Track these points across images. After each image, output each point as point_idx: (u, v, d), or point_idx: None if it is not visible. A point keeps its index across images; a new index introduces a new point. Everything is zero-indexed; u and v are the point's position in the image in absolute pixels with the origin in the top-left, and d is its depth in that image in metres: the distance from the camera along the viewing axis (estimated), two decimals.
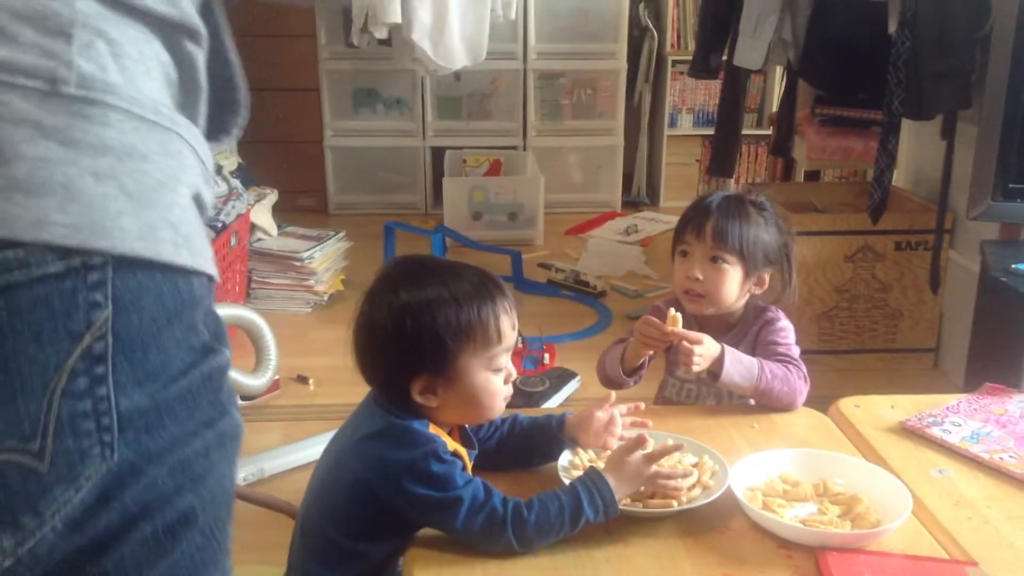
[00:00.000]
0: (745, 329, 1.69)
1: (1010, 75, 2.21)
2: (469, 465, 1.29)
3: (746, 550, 1.20)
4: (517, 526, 1.17)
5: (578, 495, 1.20)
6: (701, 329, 1.69)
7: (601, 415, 1.39)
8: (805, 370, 1.61)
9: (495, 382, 1.27)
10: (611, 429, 1.38)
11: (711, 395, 1.71)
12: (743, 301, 1.69)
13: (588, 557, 1.18)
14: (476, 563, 1.17)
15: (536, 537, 1.18)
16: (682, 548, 1.20)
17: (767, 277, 1.68)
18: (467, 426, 1.35)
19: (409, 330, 1.20)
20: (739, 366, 1.54)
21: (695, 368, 1.52)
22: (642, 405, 1.45)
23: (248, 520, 2.38)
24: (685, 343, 1.51)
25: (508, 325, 1.27)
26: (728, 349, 1.54)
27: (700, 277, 1.64)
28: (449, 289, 1.23)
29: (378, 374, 1.27)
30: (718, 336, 1.67)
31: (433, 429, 1.25)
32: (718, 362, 1.53)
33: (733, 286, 1.65)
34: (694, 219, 1.67)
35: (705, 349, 1.52)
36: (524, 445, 1.38)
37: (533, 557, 1.18)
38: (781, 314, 1.70)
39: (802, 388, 1.59)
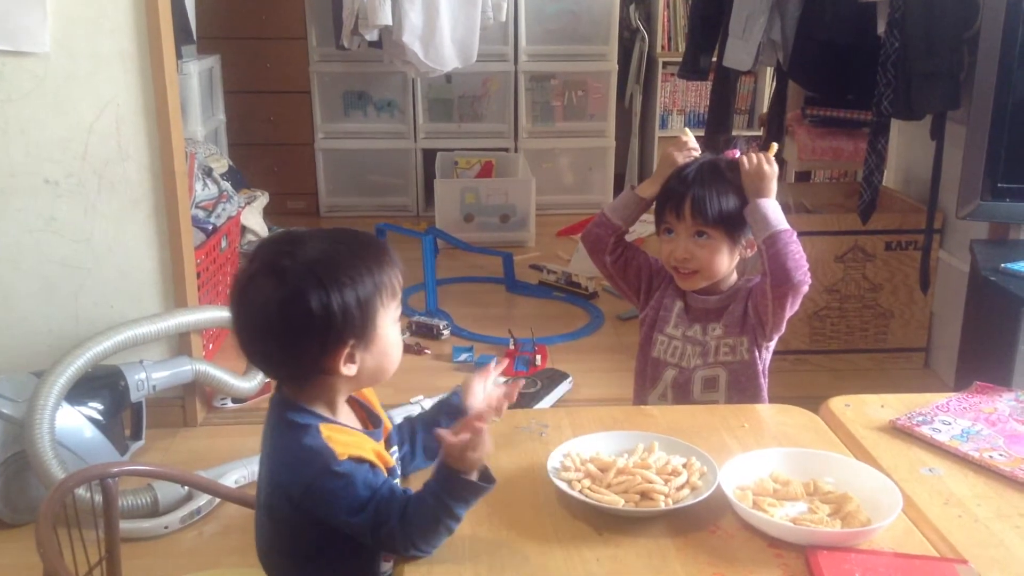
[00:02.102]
0: (738, 293, 1.73)
1: (998, 75, 2.22)
2: (384, 456, 1.24)
3: (736, 549, 1.20)
4: (406, 539, 1.15)
5: (446, 505, 1.15)
6: (693, 320, 1.72)
7: (478, 383, 1.38)
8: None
9: (399, 334, 1.26)
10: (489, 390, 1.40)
11: (696, 353, 1.74)
12: (735, 264, 1.73)
13: (579, 557, 1.18)
14: (466, 565, 1.17)
15: (425, 543, 1.16)
16: (672, 548, 1.20)
17: None
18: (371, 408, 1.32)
19: (332, 296, 1.13)
20: (777, 208, 1.64)
21: (764, 166, 1.65)
22: (523, 382, 1.50)
23: (239, 523, 2.38)
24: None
25: (400, 273, 1.24)
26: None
27: (687, 257, 1.68)
28: (347, 248, 1.19)
29: (293, 357, 1.18)
30: (711, 320, 1.71)
31: (326, 431, 1.19)
32: (767, 189, 1.65)
33: (723, 256, 1.69)
34: (672, 197, 1.70)
35: (770, 169, 1.66)
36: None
37: (524, 558, 1.18)
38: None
39: (807, 273, 1.62)
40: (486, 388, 1.38)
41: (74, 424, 2.42)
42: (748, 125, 5.26)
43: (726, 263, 1.70)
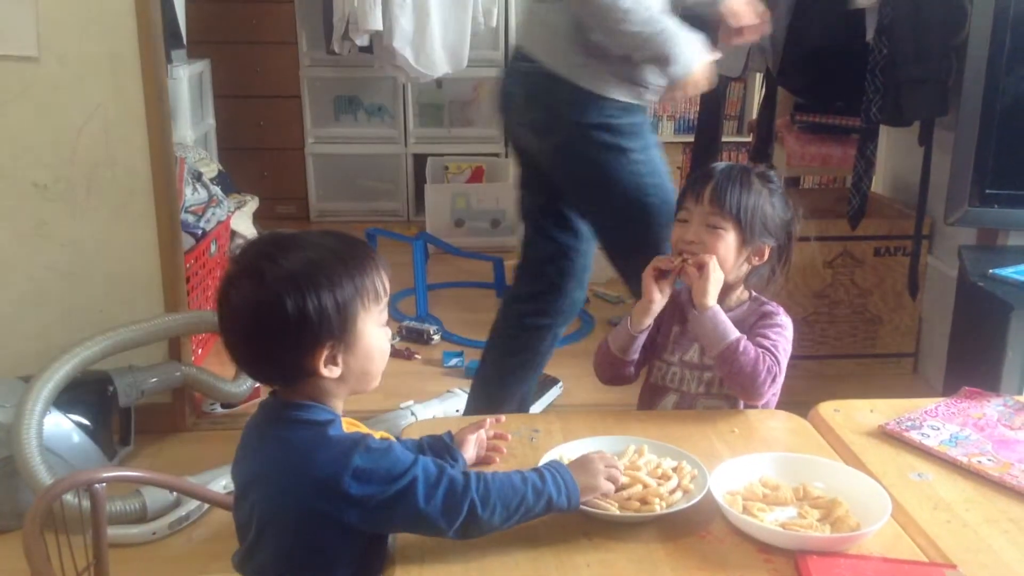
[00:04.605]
0: (744, 320, 1.67)
1: (986, 81, 2.23)
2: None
3: (726, 554, 1.20)
4: (480, 488, 1.16)
5: (542, 473, 1.21)
6: (690, 341, 1.69)
7: (471, 436, 1.41)
8: (778, 370, 1.59)
9: (386, 339, 1.24)
10: (480, 445, 1.43)
11: (695, 379, 1.70)
12: (741, 272, 1.68)
13: (570, 563, 1.18)
14: (456, 571, 1.17)
15: (499, 503, 1.17)
16: (663, 553, 1.20)
17: (767, 249, 1.67)
18: None
19: (308, 299, 1.14)
20: (722, 319, 1.58)
21: (696, 282, 1.59)
22: (503, 418, 1.50)
23: (228, 529, 2.36)
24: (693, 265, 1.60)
25: (387, 278, 1.24)
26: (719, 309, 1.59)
27: (694, 240, 1.64)
28: (329, 251, 1.19)
29: (274, 359, 1.19)
30: None
31: (348, 427, 1.22)
32: (709, 297, 1.58)
33: (729, 252, 1.64)
34: (695, 185, 1.67)
35: (715, 275, 1.58)
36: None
37: (514, 564, 1.17)
38: (782, 311, 1.69)
39: (766, 381, 1.56)
40: (479, 438, 1.41)
41: (62, 429, 2.40)
42: (737, 131, 5.28)
43: (732, 260, 1.64)
